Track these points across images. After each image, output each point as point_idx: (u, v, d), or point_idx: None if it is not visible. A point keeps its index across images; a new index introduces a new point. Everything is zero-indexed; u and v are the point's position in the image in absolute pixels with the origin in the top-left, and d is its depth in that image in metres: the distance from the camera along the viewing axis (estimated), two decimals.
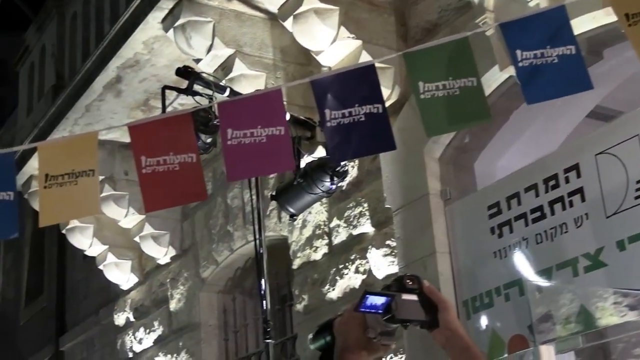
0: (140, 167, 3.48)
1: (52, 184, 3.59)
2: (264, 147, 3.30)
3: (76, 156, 3.61)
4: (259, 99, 3.44)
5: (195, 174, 3.47)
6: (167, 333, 8.83)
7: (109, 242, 9.11)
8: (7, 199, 3.60)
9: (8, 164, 3.68)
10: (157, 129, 3.55)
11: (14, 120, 15.96)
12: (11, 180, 3.66)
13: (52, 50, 8.65)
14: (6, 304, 15.97)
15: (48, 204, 3.64)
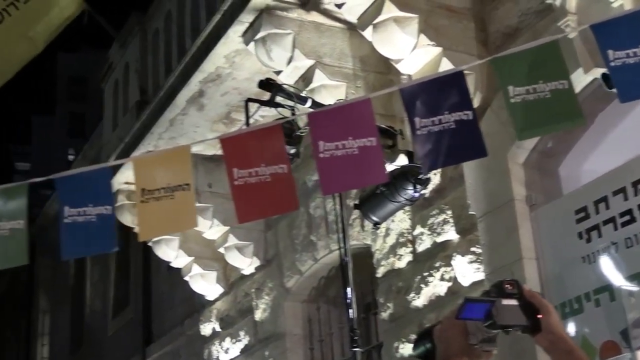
0: (232, 179, 3.53)
1: (149, 199, 3.66)
2: (356, 159, 3.30)
3: (171, 170, 3.68)
4: (348, 109, 3.46)
5: (286, 185, 3.50)
6: (253, 342, 8.91)
7: (194, 253, 9.25)
8: (106, 212, 3.70)
9: (104, 179, 3.78)
10: (248, 140, 3.60)
11: (97, 135, 16.35)
12: (108, 195, 3.76)
13: (135, 67, 8.84)
14: (94, 316, 16.32)
15: (146, 218, 3.71)
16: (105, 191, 3.80)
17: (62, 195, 3.91)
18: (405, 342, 6.63)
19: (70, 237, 3.85)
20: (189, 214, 3.73)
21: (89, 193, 3.78)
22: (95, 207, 3.76)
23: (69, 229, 3.83)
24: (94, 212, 3.77)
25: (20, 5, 7.16)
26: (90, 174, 3.91)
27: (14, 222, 4.16)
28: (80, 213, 3.80)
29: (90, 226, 3.76)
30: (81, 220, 3.77)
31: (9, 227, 4.17)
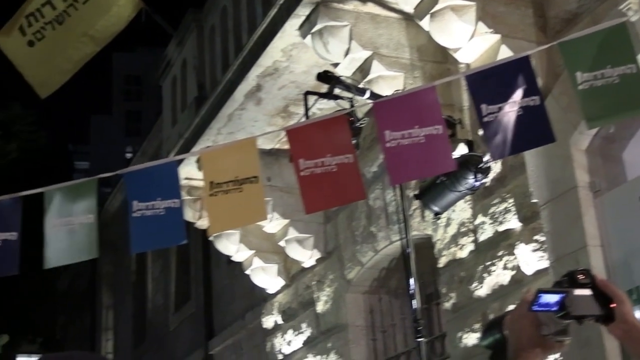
0: (298, 170, 3.55)
1: (218, 192, 3.70)
2: (424, 148, 3.29)
3: (238, 163, 3.71)
4: (413, 98, 3.45)
5: (353, 175, 3.51)
6: (316, 334, 8.95)
7: (255, 247, 9.32)
8: (174, 206, 3.75)
9: (171, 173, 3.83)
10: (313, 132, 3.62)
11: (155, 132, 16.54)
12: (176, 188, 3.80)
13: (193, 63, 8.92)
14: (156, 311, 16.53)
15: (216, 212, 3.75)
16: (173, 185, 3.85)
17: (131, 190, 3.97)
18: (468, 331, 6.60)
19: (139, 230, 3.92)
20: (259, 206, 3.76)
21: (156, 187, 3.83)
22: (164, 201, 3.82)
23: (138, 223, 3.90)
24: (163, 205, 3.83)
25: (79, 5, 7.30)
26: (158, 169, 3.96)
27: (83, 217, 4.26)
28: (148, 207, 3.86)
29: (159, 219, 3.81)
30: (150, 214, 3.83)
31: (78, 222, 4.27)
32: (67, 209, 4.27)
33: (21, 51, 7.07)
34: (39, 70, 7.16)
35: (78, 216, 4.25)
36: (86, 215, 4.25)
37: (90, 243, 4.26)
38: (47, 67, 7.13)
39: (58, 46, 7.08)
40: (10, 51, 7.12)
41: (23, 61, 7.18)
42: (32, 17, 7.05)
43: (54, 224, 4.35)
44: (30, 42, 7.16)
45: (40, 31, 7.06)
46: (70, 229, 4.27)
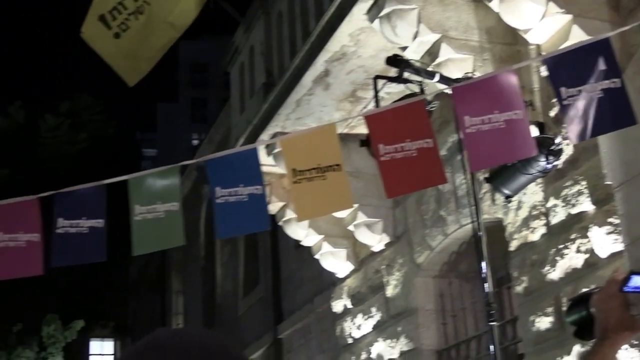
0: (378, 155, 3.56)
1: (302, 179, 3.73)
2: (504, 133, 3.27)
3: (319, 150, 3.73)
4: (493, 82, 3.42)
5: (433, 159, 3.51)
6: (385, 318, 8.97)
7: (324, 231, 9.37)
8: (257, 192, 3.79)
9: (253, 160, 3.87)
10: (392, 117, 3.62)
11: (222, 119, 16.70)
12: (258, 175, 3.85)
13: (260, 50, 8.98)
14: (225, 296, 16.75)
15: (301, 199, 3.78)
16: (255, 171, 3.89)
17: (213, 177, 4.03)
18: (541, 315, 6.55)
19: (223, 217, 3.97)
20: (344, 195, 3.79)
21: (238, 174, 3.88)
22: (246, 187, 3.87)
23: (222, 209, 3.95)
24: (245, 192, 3.88)
25: None
26: (239, 156, 4.01)
27: (168, 205, 4.33)
28: (231, 193, 3.91)
29: (243, 206, 3.86)
30: (233, 200, 3.88)
31: (164, 209, 4.34)
32: (152, 197, 4.34)
33: (108, 44, 7.25)
34: (126, 60, 7.33)
35: (163, 204, 4.32)
36: (171, 203, 4.31)
37: (176, 230, 4.33)
38: (133, 56, 7.30)
39: (142, 35, 7.24)
40: (97, 45, 7.30)
41: (111, 53, 7.36)
42: (115, 10, 7.21)
43: (140, 212, 4.43)
44: (117, 34, 7.32)
45: (125, 22, 7.22)
46: (156, 216, 4.34)
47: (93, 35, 7.16)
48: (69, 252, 4.64)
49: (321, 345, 11.32)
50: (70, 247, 4.59)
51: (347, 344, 9.78)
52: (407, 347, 8.53)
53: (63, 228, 4.58)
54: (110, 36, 7.22)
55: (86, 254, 4.64)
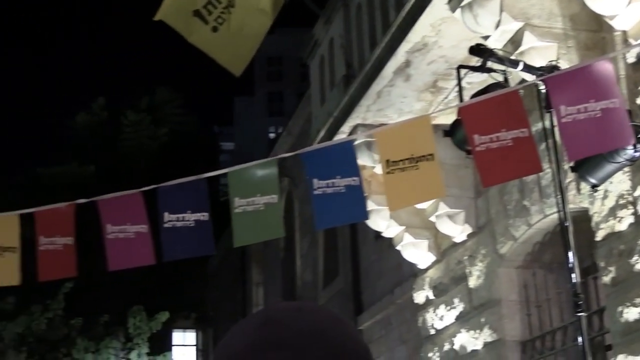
0: (473, 145, 3.57)
1: (394, 170, 3.77)
2: (601, 122, 3.24)
3: (413, 141, 3.76)
4: (587, 71, 3.39)
5: (528, 148, 3.50)
6: (468, 309, 8.94)
7: (405, 223, 9.36)
8: (354, 184, 3.84)
9: (349, 152, 3.92)
10: (487, 107, 3.63)
11: (300, 111, 16.81)
12: (354, 167, 3.89)
13: (340, 42, 9.02)
14: (305, 287, 16.87)
15: (394, 189, 3.83)
16: (352, 163, 3.94)
17: (310, 169, 4.09)
18: (630, 306, 6.44)
19: (321, 208, 4.04)
20: (436, 183, 3.81)
21: (334, 166, 3.93)
22: (343, 179, 3.92)
23: (319, 201, 4.01)
24: (342, 183, 3.93)
25: None
26: (335, 148, 4.07)
27: (267, 197, 4.41)
28: (328, 185, 3.97)
29: (340, 197, 3.91)
30: (331, 191, 3.94)
31: (263, 202, 4.43)
32: (251, 190, 4.42)
33: (208, 38, 7.38)
34: (227, 52, 7.46)
35: (262, 196, 4.40)
36: (270, 195, 4.40)
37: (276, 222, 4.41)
38: (233, 47, 7.43)
39: (237, 26, 7.37)
40: (200, 42, 7.44)
41: (212, 47, 7.49)
42: (210, 5, 7.33)
43: (239, 204, 4.52)
44: (214, 27, 7.46)
45: (221, 16, 7.35)
46: (255, 208, 4.42)
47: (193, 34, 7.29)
48: (178, 246, 4.77)
49: (402, 337, 11.33)
50: (178, 241, 4.72)
51: (430, 335, 9.77)
52: (490, 338, 8.48)
53: (170, 222, 4.71)
54: (209, 30, 7.34)
55: (194, 247, 4.75)
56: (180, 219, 4.69)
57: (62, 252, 5.24)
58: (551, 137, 5.69)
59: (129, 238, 4.84)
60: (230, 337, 1.19)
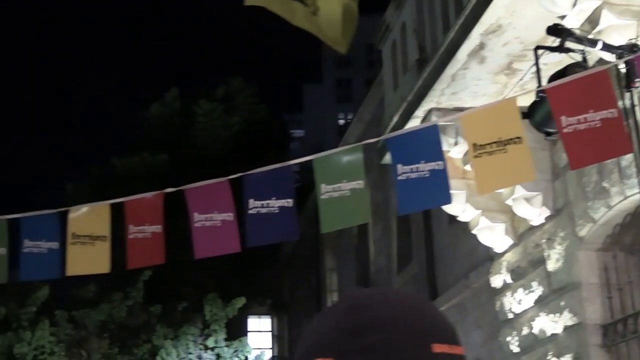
0: (560, 127, 3.53)
1: (482, 153, 3.75)
2: None
3: (499, 124, 3.74)
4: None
5: (618, 129, 3.45)
6: (547, 293, 8.84)
7: (481, 206, 9.30)
8: (438, 168, 3.84)
9: (433, 136, 3.91)
10: (573, 88, 3.59)
11: (370, 97, 16.79)
12: (439, 151, 3.89)
13: (412, 26, 8.98)
14: (379, 273, 16.89)
15: (482, 173, 3.81)
16: (436, 148, 3.94)
17: (394, 154, 4.10)
18: None
19: (405, 193, 4.05)
20: (525, 167, 3.78)
21: (419, 151, 3.94)
22: (427, 164, 3.92)
23: (403, 186, 4.03)
24: (427, 168, 3.93)
25: None
26: (419, 133, 4.07)
27: (354, 183, 4.44)
28: (412, 170, 3.98)
29: (424, 182, 3.92)
30: (415, 176, 3.95)
31: (349, 188, 4.46)
32: (337, 176, 4.46)
33: (311, 21, 7.44)
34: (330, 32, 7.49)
35: (348, 182, 4.44)
36: (356, 181, 4.43)
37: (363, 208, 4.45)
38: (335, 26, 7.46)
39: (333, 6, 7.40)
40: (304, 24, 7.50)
41: (316, 29, 7.54)
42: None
43: (326, 190, 4.56)
44: (314, 12, 7.52)
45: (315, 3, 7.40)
46: (342, 194, 4.45)
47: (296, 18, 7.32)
48: (263, 232, 4.84)
49: (477, 321, 11.27)
50: (263, 227, 4.79)
51: (508, 319, 9.70)
52: (571, 322, 8.39)
53: (255, 209, 4.79)
54: (309, 14, 7.39)
55: (279, 233, 4.82)
56: (264, 205, 4.75)
57: (150, 240, 5.36)
58: (632, 116, 5.60)
59: (216, 226, 4.92)
60: (318, 324, 1.20)
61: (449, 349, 1.15)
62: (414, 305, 1.18)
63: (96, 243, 5.67)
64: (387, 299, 1.18)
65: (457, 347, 1.16)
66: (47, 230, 5.90)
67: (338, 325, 1.16)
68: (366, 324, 1.14)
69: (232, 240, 4.93)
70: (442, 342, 1.15)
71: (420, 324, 1.15)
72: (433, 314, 1.19)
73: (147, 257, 5.48)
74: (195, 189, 5.04)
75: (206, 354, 15.52)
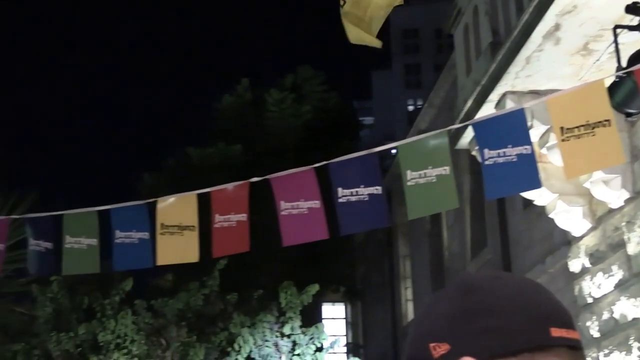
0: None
1: (570, 137, 3.72)
2: None
3: (587, 106, 3.69)
4: None
5: None
6: (628, 277, 8.69)
7: (558, 190, 9.18)
8: (525, 152, 3.82)
9: (520, 121, 3.88)
10: None
11: (441, 82, 16.68)
12: (526, 135, 3.86)
13: (485, 9, 8.89)
14: (453, 259, 16.81)
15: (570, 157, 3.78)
16: (523, 132, 3.92)
17: (480, 139, 4.09)
18: None
19: (493, 178, 4.04)
20: (614, 150, 3.74)
21: (505, 135, 3.92)
22: (514, 148, 3.91)
23: (490, 171, 4.02)
24: (514, 152, 3.91)
25: None
26: (505, 117, 4.05)
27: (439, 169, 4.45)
28: (499, 154, 3.96)
29: (512, 166, 3.90)
30: (501, 161, 3.93)
31: (435, 174, 4.48)
32: (422, 162, 4.47)
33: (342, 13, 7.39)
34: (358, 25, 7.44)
35: (434, 168, 4.45)
36: (442, 167, 4.44)
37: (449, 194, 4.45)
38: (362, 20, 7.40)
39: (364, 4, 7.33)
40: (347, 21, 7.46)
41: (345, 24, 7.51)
42: None
43: (412, 177, 4.58)
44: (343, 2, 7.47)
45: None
46: (428, 180, 4.47)
47: None
48: (354, 220, 4.88)
49: None
50: (354, 215, 4.83)
51: (587, 303, 9.57)
52: None
53: (344, 197, 4.83)
54: None
55: (370, 220, 4.86)
56: (354, 193, 4.78)
57: (235, 229, 5.43)
58: None
59: (303, 214, 4.98)
60: (431, 309, 1.19)
61: (566, 333, 1.13)
62: (530, 288, 1.17)
63: (184, 233, 5.77)
64: (501, 282, 1.17)
65: (573, 331, 1.15)
66: (136, 221, 6.03)
67: (452, 309, 1.14)
68: (481, 307, 1.13)
69: (319, 227, 4.98)
70: (560, 326, 1.13)
71: (538, 308, 1.14)
72: (549, 298, 1.17)
73: (232, 245, 5.56)
74: (281, 177, 5.10)
75: (282, 341, 15.64)
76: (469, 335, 1.11)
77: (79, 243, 6.37)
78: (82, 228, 6.30)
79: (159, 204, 6.05)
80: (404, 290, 21.01)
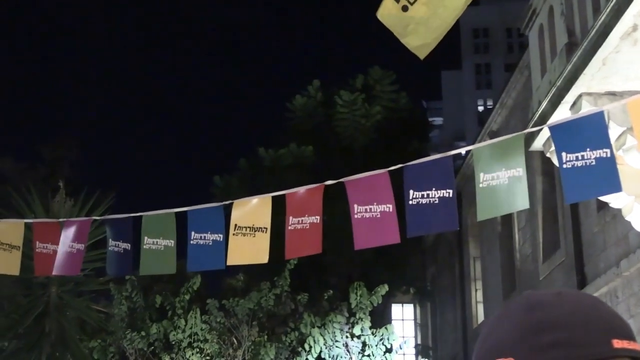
0: None
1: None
2: None
3: None
4: None
5: None
6: None
7: (635, 192, 9.02)
8: (605, 156, 3.78)
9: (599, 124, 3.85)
10: None
11: (513, 83, 16.51)
12: (605, 139, 3.83)
13: (560, 10, 8.80)
14: (524, 261, 16.63)
15: None
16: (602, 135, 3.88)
17: (558, 142, 4.07)
18: None
19: (571, 182, 4.01)
20: None
21: (584, 138, 3.89)
22: (594, 151, 3.88)
23: (569, 174, 3.99)
24: (592, 155, 3.89)
25: None
26: (584, 120, 4.02)
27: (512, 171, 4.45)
28: (578, 158, 3.94)
29: (590, 170, 3.87)
30: (580, 164, 3.91)
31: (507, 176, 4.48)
32: (496, 165, 4.47)
33: (396, 17, 7.33)
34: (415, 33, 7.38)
35: (507, 170, 4.45)
36: (515, 169, 4.43)
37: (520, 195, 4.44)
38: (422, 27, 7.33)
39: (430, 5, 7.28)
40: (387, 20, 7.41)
41: (399, 27, 7.45)
42: None
43: (484, 179, 4.58)
44: (404, 7, 7.42)
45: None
46: (500, 182, 4.47)
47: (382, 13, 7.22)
48: (423, 223, 4.89)
49: (630, 310, 10.96)
50: (423, 217, 4.84)
51: None
52: None
53: (415, 199, 4.85)
54: (399, 9, 7.27)
55: (438, 223, 4.86)
56: (424, 196, 4.79)
57: (308, 231, 5.49)
58: None
59: (375, 217, 5.00)
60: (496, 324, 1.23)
61: (628, 344, 1.17)
62: (591, 302, 1.21)
63: (256, 234, 5.85)
64: (563, 297, 1.20)
65: (635, 343, 1.18)
66: (212, 222, 6.13)
67: (518, 325, 1.19)
68: (547, 322, 1.17)
69: (391, 232, 5.00)
70: (622, 337, 1.17)
71: (600, 321, 1.17)
72: (610, 311, 1.21)
73: (304, 247, 5.61)
74: (355, 180, 5.13)
75: (352, 342, 15.68)
76: (534, 349, 1.16)
77: (156, 244, 6.49)
78: (160, 229, 6.42)
79: (235, 206, 6.14)
80: (474, 292, 20.87)
